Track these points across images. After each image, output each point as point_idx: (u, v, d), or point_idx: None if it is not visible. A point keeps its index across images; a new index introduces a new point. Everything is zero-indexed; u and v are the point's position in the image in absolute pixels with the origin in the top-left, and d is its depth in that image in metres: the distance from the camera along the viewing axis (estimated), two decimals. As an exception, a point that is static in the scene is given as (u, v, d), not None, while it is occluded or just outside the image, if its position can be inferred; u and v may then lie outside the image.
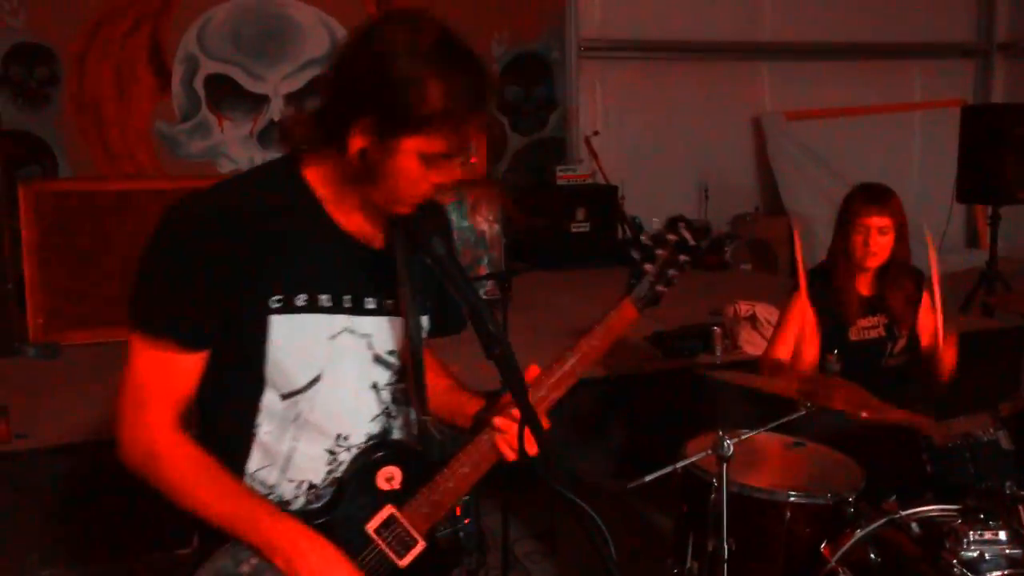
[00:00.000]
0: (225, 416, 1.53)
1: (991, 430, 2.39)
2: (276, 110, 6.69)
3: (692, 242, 1.61)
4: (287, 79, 6.72)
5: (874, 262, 3.00)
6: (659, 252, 1.61)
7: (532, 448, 1.46)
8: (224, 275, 1.42)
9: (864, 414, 2.41)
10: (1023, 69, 8.75)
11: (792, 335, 3.05)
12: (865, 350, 3.04)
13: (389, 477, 1.55)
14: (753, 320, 4.64)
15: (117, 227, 5.02)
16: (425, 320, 1.65)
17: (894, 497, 2.41)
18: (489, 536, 3.64)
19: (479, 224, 5.66)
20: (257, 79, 6.67)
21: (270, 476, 1.54)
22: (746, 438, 2.41)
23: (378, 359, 1.58)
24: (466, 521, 3.35)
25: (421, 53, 1.35)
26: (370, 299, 1.55)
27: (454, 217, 5.43)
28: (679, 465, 2.38)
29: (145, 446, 1.45)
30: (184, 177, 5.93)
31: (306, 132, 1.46)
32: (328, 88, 1.42)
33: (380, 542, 1.52)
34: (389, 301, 1.57)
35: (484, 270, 5.61)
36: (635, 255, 1.61)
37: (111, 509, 3.53)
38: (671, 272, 1.61)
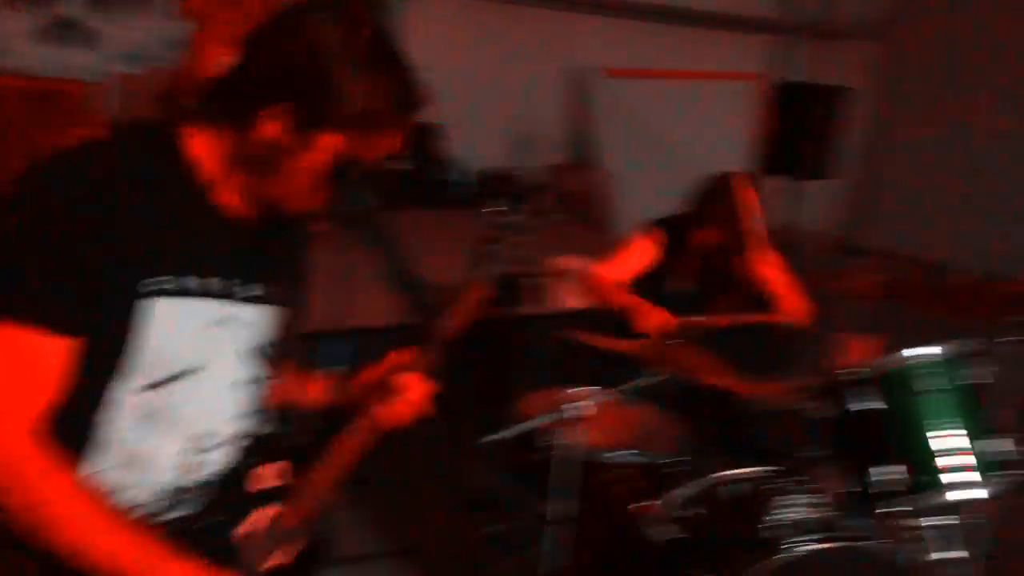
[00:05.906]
0: (67, 406, 1.30)
1: (797, 398, 2.52)
2: (75, 3, 6.03)
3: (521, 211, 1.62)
4: (87, -29, 6.07)
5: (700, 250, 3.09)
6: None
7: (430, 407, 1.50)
8: (95, 251, 1.23)
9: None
10: (824, 50, 9.34)
11: (627, 265, 3.14)
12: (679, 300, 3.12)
13: (259, 477, 1.46)
14: (573, 274, 4.72)
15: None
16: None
17: (717, 460, 2.54)
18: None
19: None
20: (52, -35, 5.98)
21: (119, 476, 1.35)
22: (575, 394, 2.45)
23: (258, 352, 1.46)
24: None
25: (355, 51, 1.30)
26: (255, 286, 1.43)
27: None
28: (531, 425, 2.39)
29: (7, 468, 1.22)
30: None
31: (202, 101, 1.32)
32: (245, 62, 1.31)
33: (251, 548, 1.42)
34: (271, 289, 1.46)
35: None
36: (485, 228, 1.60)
37: None
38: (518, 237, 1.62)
